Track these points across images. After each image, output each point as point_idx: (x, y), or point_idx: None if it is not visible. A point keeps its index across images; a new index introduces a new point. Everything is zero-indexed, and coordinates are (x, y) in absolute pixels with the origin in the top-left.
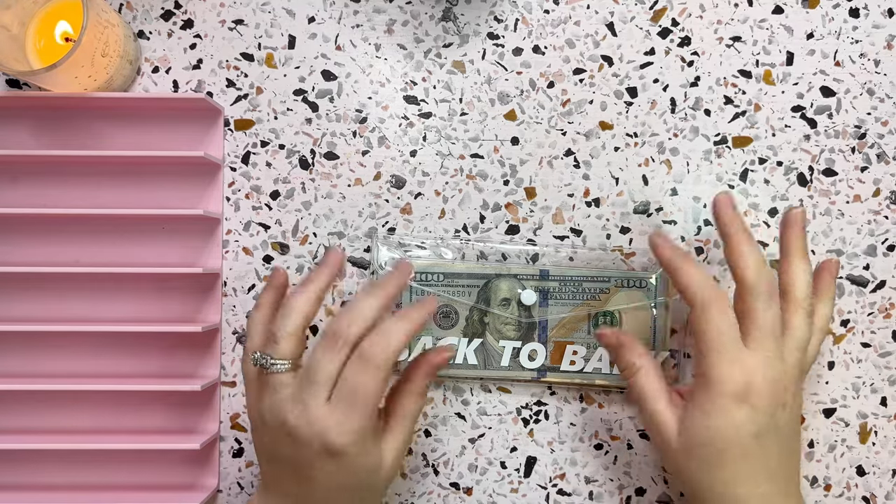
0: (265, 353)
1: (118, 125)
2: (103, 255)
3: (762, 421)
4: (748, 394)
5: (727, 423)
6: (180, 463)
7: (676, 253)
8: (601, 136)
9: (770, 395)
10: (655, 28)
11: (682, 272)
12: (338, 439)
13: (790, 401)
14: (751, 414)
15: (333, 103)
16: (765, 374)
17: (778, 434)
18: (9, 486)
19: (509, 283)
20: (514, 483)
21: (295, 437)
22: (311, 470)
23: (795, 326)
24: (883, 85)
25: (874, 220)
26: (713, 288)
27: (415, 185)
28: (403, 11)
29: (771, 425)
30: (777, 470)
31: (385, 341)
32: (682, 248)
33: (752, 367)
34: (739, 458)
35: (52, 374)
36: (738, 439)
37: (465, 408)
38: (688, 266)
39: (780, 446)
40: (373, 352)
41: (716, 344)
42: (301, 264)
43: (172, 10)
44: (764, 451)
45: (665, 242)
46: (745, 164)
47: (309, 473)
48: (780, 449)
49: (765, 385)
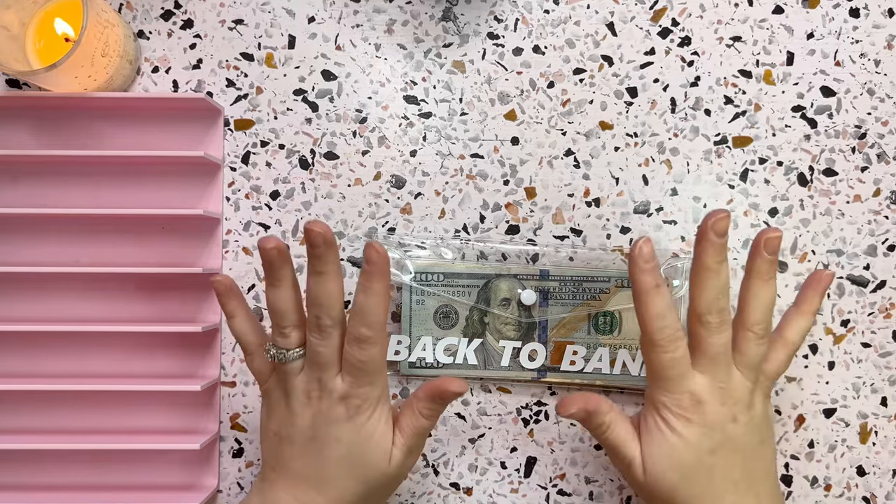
0: (279, 347)
1: (118, 125)
2: (103, 255)
3: (715, 436)
4: (696, 413)
5: (682, 444)
6: (180, 463)
7: (651, 280)
8: (601, 136)
9: (717, 412)
10: (655, 28)
11: (647, 307)
12: (354, 399)
13: (742, 413)
14: (702, 431)
15: (333, 103)
16: (711, 393)
17: (734, 446)
18: (9, 486)
19: (509, 283)
20: (514, 483)
21: (316, 409)
22: (326, 441)
23: (743, 350)
24: (883, 85)
25: (874, 220)
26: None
27: (415, 185)
28: (403, 11)
29: (724, 439)
30: (741, 480)
31: (367, 319)
32: (658, 276)
33: (698, 388)
34: (700, 475)
35: (52, 374)
36: (697, 457)
37: (465, 408)
38: (655, 301)
39: (741, 457)
40: (361, 333)
41: (662, 376)
42: (301, 264)
43: (172, 9)
44: (723, 465)
45: (645, 264)
46: (746, 164)
47: (324, 445)
48: (742, 459)
49: (711, 403)
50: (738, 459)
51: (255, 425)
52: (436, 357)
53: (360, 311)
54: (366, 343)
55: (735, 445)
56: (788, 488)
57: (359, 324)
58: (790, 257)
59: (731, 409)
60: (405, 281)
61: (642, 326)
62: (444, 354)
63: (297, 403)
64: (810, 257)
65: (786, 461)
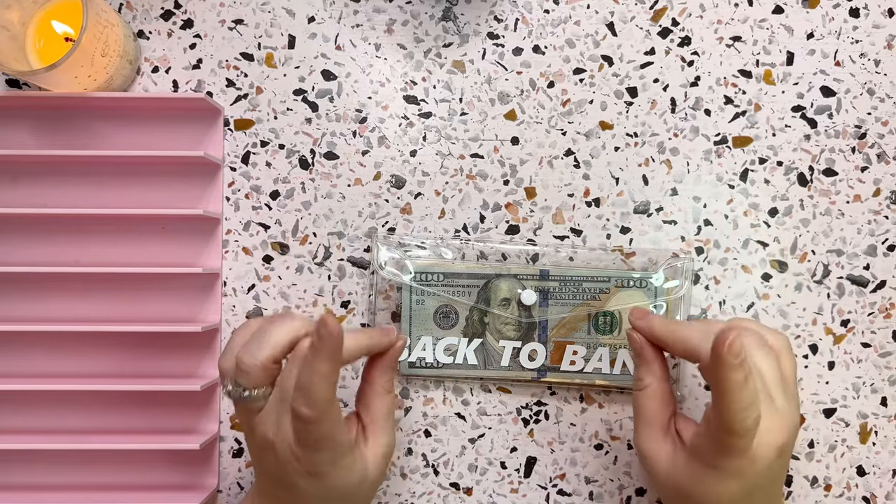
0: (237, 381)
1: (118, 125)
2: (103, 255)
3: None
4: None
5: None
6: (180, 463)
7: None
8: (601, 136)
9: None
10: (655, 28)
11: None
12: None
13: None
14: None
15: (333, 103)
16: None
17: (771, 482)
18: (8, 487)
19: (509, 283)
20: (514, 483)
21: (276, 452)
22: (293, 484)
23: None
24: (883, 85)
25: (874, 220)
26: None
27: (415, 185)
28: (403, 11)
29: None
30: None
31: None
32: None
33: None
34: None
35: (53, 374)
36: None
37: (465, 408)
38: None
39: (772, 489)
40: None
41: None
42: (301, 264)
43: (172, 9)
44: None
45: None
46: (746, 164)
47: (293, 485)
48: (772, 491)
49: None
50: (764, 496)
51: None
52: (436, 357)
53: (302, 387)
54: (308, 423)
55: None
56: (788, 488)
57: (300, 402)
58: (790, 257)
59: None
60: (405, 281)
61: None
62: (444, 354)
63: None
64: (810, 257)
65: None
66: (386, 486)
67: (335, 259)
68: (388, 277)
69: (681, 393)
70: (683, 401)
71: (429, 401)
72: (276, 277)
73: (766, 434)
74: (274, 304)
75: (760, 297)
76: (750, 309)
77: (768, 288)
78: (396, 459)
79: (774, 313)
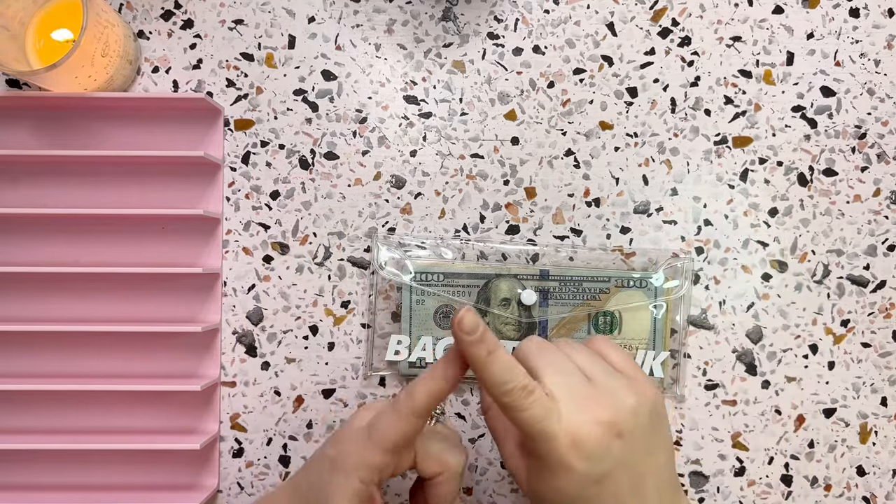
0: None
1: (118, 125)
2: (103, 255)
3: (600, 466)
4: (574, 449)
5: (567, 482)
6: (180, 463)
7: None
8: (601, 136)
9: (598, 440)
10: (655, 28)
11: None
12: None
13: (624, 425)
14: (586, 465)
15: (333, 103)
16: (581, 420)
17: (622, 464)
18: (8, 487)
19: (509, 283)
20: (514, 483)
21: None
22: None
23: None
24: (883, 85)
25: (874, 220)
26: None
27: (415, 185)
28: (403, 11)
29: (609, 464)
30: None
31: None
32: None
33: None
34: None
35: (52, 374)
36: (582, 491)
37: (465, 408)
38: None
39: (628, 473)
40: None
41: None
42: (301, 264)
43: (172, 10)
44: (611, 488)
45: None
46: (746, 164)
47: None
48: (629, 476)
49: (588, 430)
50: (626, 476)
51: (255, 425)
52: (436, 357)
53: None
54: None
55: (624, 463)
56: (788, 488)
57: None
58: (790, 257)
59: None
60: (405, 281)
61: (492, 394)
62: (444, 354)
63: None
64: (810, 257)
65: (786, 461)
66: (386, 486)
67: (335, 259)
68: (389, 277)
69: (681, 392)
70: (683, 401)
71: None
72: (277, 277)
73: (578, 412)
74: (274, 304)
75: (760, 297)
76: (750, 309)
77: (768, 288)
78: None
79: (774, 313)
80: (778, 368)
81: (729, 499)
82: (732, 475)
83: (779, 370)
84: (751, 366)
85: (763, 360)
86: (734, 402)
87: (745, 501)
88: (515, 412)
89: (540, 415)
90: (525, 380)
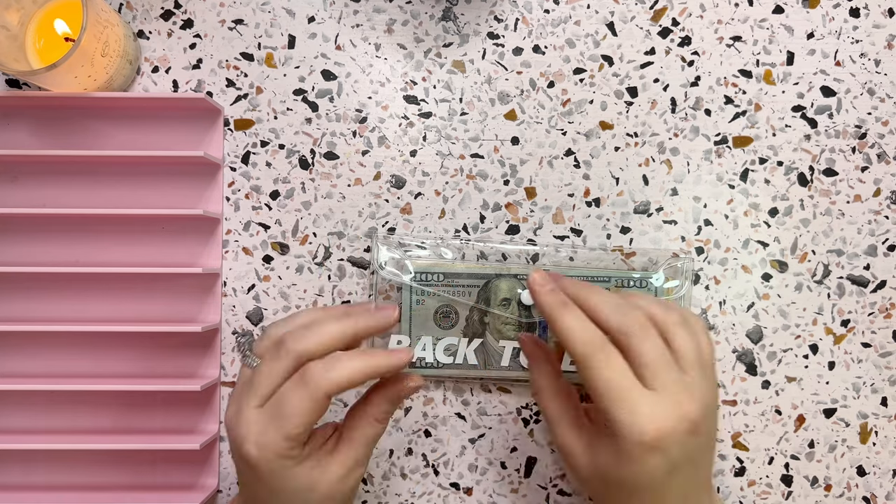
0: (251, 342)
1: (118, 125)
2: (103, 255)
3: (675, 460)
4: (658, 440)
5: (639, 470)
6: (180, 463)
7: (555, 299)
8: (601, 136)
9: (681, 434)
10: (656, 28)
11: (560, 323)
12: (252, 450)
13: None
14: (662, 458)
15: (333, 103)
16: (669, 415)
17: (690, 462)
18: (8, 487)
19: (509, 283)
20: (514, 483)
21: (228, 434)
22: (239, 474)
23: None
24: (883, 85)
25: (874, 220)
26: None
27: (415, 185)
28: (403, 11)
29: (683, 459)
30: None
31: (333, 373)
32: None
33: (656, 413)
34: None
35: (52, 374)
36: (651, 482)
37: (465, 408)
38: (566, 316)
39: (693, 471)
40: (315, 377)
41: (608, 395)
42: (301, 264)
43: (172, 9)
44: (679, 483)
45: (542, 287)
46: (746, 164)
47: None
48: (694, 473)
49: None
50: (693, 472)
51: None
52: (436, 357)
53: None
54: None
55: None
56: (789, 488)
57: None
58: (790, 257)
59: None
60: (405, 281)
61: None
62: (444, 354)
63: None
64: (810, 257)
65: (786, 461)
66: (386, 486)
67: (335, 259)
68: (388, 277)
69: None
70: None
71: (429, 401)
72: (276, 277)
73: (675, 405)
74: (274, 304)
75: (760, 297)
76: (750, 309)
77: (768, 288)
78: (396, 459)
79: (774, 313)
80: (778, 368)
81: (729, 499)
82: (732, 475)
83: (779, 370)
84: (751, 366)
85: (763, 360)
86: (734, 402)
87: (745, 501)
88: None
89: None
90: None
